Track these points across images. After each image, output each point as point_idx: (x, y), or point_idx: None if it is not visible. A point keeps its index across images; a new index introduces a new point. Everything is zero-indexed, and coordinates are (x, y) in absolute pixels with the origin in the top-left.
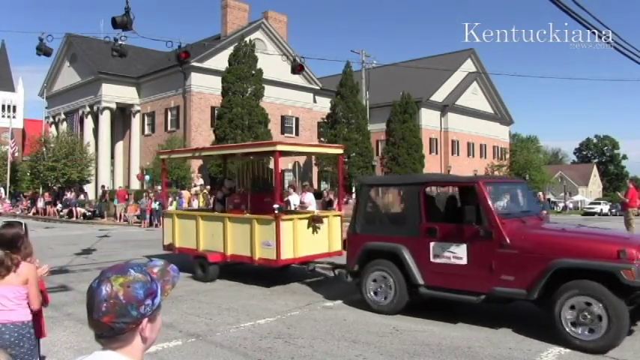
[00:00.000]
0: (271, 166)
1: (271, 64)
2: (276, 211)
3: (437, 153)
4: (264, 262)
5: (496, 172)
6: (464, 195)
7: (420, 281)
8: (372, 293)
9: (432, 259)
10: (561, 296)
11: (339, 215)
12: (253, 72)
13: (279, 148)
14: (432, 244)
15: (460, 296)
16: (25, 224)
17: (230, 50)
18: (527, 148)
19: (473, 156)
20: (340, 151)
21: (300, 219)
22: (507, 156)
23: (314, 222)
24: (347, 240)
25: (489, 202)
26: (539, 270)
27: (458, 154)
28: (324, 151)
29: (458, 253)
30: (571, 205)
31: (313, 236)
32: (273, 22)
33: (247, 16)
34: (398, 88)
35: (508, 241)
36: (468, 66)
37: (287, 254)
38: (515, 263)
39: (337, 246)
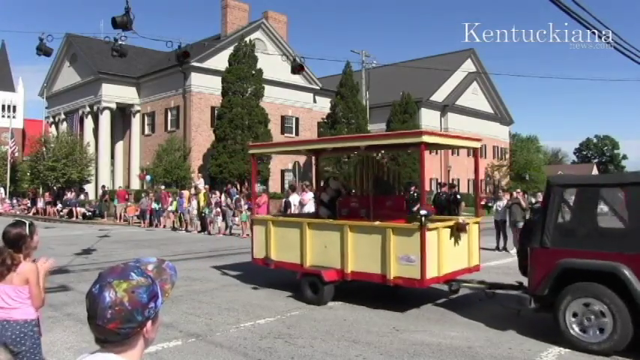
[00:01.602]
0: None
1: (271, 64)
2: (422, 219)
3: (437, 153)
4: (403, 283)
5: (496, 172)
6: None
7: None
8: (575, 327)
9: None
10: None
11: (477, 222)
12: (253, 72)
13: (426, 139)
14: None
15: None
16: (30, 224)
17: (230, 50)
18: (527, 148)
19: (473, 156)
20: (478, 144)
21: (444, 227)
22: (507, 156)
23: (458, 230)
24: (530, 256)
25: None
26: None
27: (458, 154)
28: (464, 143)
29: None
30: None
31: (454, 248)
32: (273, 22)
33: (247, 16)
34: (398, 88)
35: None
36: (468, 66)
37: (432, 272)
38: None
39: (475, 259)
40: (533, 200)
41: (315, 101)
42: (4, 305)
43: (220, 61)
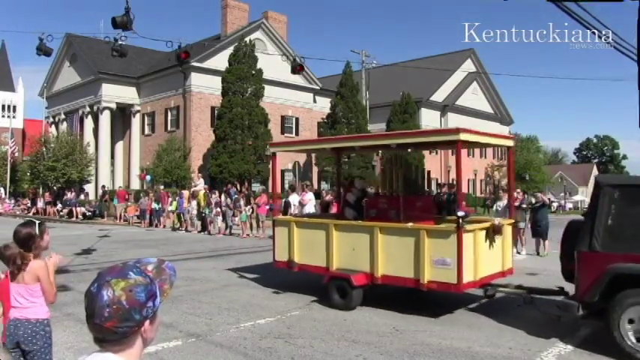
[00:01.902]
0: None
1: (271, 64)
2: (460, 220)
3: (437, 153)
4: (437, 287)
5: (496, 173)
6: None
7: None
8: (632, 337)
9: None
10: None
11: (511, 223)
12: (253, 72)
13: (463, 137)
14: None
15: None
16: (40, 223)
17: (230, 50)
18: (528, 148)
19: (473, 156)
20: (511, 142)
21: (481, 229)
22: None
23: (494, 233)
24: (577, 260)
25: None
26: None
27: None
28: (498, 142)
29: None
30: (570, 205)
31: (489, 251)
32: (273, 22)
33: (247, 16)
34: (398, 88)
35: None
36: (468, 66)
37: (469, 276)
38: None
39: (509, 262)
40: (534, 200)
41: (315, 101)
42: (16, 305)
43: (220, 61)
